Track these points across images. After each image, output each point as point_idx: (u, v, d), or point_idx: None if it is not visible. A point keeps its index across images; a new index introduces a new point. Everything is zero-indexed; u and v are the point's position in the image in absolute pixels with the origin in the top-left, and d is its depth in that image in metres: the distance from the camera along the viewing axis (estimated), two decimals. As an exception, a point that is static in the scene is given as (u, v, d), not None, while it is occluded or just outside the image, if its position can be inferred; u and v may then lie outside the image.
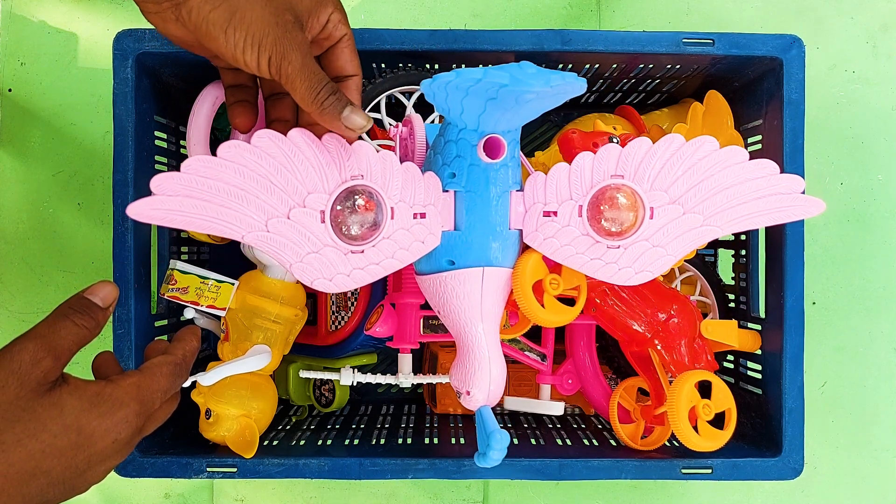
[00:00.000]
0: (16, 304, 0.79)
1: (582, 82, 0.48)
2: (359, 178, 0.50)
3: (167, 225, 0.47)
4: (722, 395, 0.59)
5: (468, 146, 0.51)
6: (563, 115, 0.78)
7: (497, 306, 0.53)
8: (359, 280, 0.50)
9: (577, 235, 0.53)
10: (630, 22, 0.80)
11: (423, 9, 0.80)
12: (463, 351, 0.53)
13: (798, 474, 0.59)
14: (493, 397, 0.52)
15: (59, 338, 0.37)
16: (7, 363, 0.33)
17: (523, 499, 0.79)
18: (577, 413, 0.75)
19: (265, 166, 0.48)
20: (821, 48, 0.80)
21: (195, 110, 0.63)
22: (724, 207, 0.53)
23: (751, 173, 0.53)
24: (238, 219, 0.47)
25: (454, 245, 0.52)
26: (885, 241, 0.80)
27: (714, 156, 0.53)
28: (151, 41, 0.57)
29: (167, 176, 0.46)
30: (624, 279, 0.53)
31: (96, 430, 0.35)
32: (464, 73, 0.47)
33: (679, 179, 0.53)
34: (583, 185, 0.53)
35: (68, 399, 0.35)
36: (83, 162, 0.79)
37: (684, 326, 0.62)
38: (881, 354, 0.80)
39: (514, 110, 0.48)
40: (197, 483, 0.79)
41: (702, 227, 0.53)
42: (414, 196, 0.51)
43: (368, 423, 0.71)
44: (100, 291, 0.42)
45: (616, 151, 0.53)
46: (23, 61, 0.79)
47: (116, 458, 0.37)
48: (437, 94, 0.49)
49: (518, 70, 0.46)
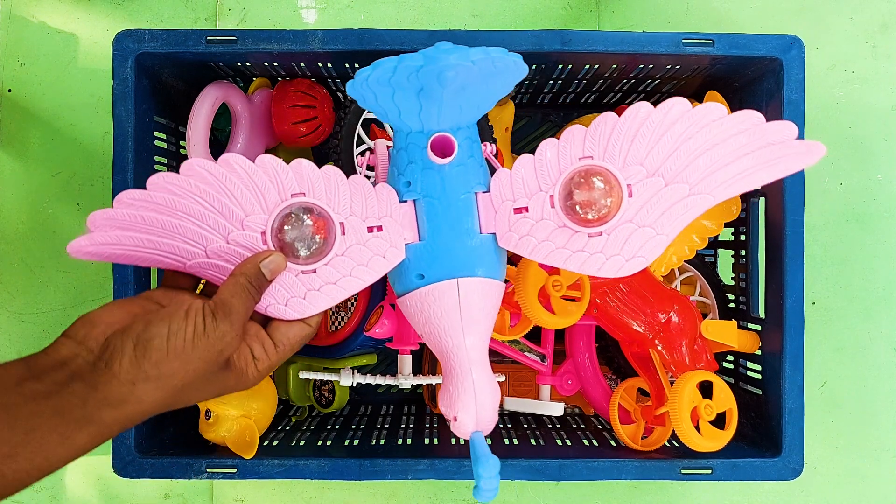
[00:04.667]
0: (16, 305, 0.79)
1: (516, 59, 0.46)
2: (300, 195, 0.48)
3: (108, 261, 0.47)
4: (723, 396, 0.59)
5: (418, 150, 0.48)
6: (562, 115, 0.78)
7: (481, 322, 0.48)
8: (316, 303, 0.48)
9: (552, 228, 0.49)
10: (630, 22, 0.80)
11: (423, 9, 0.80)
12: (447, 373, 0.49)
13: (798, 474, 0.59)
14: (485, 423, 0.47)
15: (245, 319, 0.44)
16: (215, 342, 0.42)
17: (523, 499, 0.79)
18: (576, 413, 0.75)
19: (198, 193, 0.47)
20: (820, 48, 0.80)
21: (195, 111, 0.63)
22: (711, 171, 0.48)
23: (733, 128, 0.48)
24: (177, 248, 0.47)
25: (420, 257, 0.49)
26: (885, 241, 0.80)
27: (687, 116, 0.48)
28: (151, 42, 0.57)
29: (101, 213, 0.46)
30: (614, 269, 0.48)
31: (233, 389, 0.45)
32: (380, 64, 0.45)
33: (654, 149, 0.48)
34: (550, 174, 0.49)
35: (228, 377, 0.44)
36: (83, 162, 0.79)
37: (685, 327, 0.62)
38: (881, 354, 0.80)
39: (450, 100, 0.45)
40: (197, 483, 0.79)
41: (690, 197, 0.48)
42: (366, 209, 0.49)
43: (368, 424, 0.71)
44: (271, 265, 0.46)
45: (580, 132, 0.49)
46: (22, 61, 0.79)
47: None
48: (364, 94, 0.47)
49: (433, 50, 0.45)
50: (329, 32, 0.57)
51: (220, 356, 0.43)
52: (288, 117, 0.67)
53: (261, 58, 0.61)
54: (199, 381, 0.42)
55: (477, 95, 0.47)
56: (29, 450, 0.37)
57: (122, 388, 0.40)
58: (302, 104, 0.67)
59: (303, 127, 0.67)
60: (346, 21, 0.80)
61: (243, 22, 0.80)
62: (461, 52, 0.44)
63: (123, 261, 0.47)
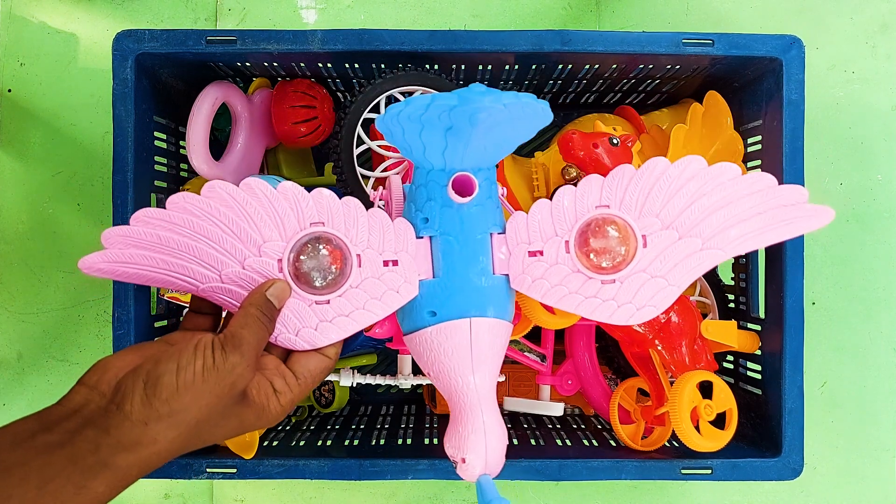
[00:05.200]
0: (16, 305, 0.79)
1: (544, 105, 0.46)
2: (319, 224, 0.48)
3: (120, 279, 0.46)
4: (723, 396, 0.59)
5: (438, 188, 0.48)
6: (562, 115, 0.78)
7: (490, 362, 0.48)
8: (328, 335, 0.47)
9: (566, 273, 0.49)
10: (629, 22, 0.80)
11: (423, 9, 0.80)
12: (455, 413, 0.48)
13: (798, 474, 0.59)
14: (493, 465, 0.47)
15: (258, 350, 0.44)
16: (225, 375, 0.41)
17: (523, 499, 0.79)
18: (576, 413, 0.75)
19: (217, 216, 0.47)
20: (820, 48, 0.80)
21: (195, 111, 0.63)
22: (723, 228, 0.50)
23: (747, 188, 0.50)
24: (192, 270, 0.47)
25: (434, 294, 0.48)
26: (885, 241, 0.80)
27: (703, 174, 0.50)
28: (151, 42, 0.57)
29: (117, 229, 0.46)
30: (625, 317, 0.49)
31: (253, 426, 0.45)
32: (413, 101, 0.46)
33: (669, 203, 0.50)
34: (566, 220, 0.50)
35: (247, 413, 0.44)
36: (83, 162, 0.79)
37: (685, 327, 0.62)
38: (881, 354, 0.80)
39: (477, 141, 0.46)
40: (197, 483, 0.79)
41: (702, 252, 0.49)
42: (383, 242, 0.48)
43: (368, 424, 0.71)
44: (275, 292, 0.46)
45: (598, 181, 0.50)
46: (22, 61, 0.79)
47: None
48: (393, 129, 0.48)
49: (467, 91, 0.45)
50: (329, 32, 0.57)
51: (233, 389, 0.42)
52: (288, 117, 0.67)
53: (261, 58, 0.61)
54: (215, 416, 0.42)
55: (502, 138, 0.47)
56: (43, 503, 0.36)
57: (135, 429, 0.39)
58: (302, 104, 0.67)
59: (303, 127, 0.67)
60: (346, 21, 0.80)
61: (243, 22, 0.80)
62: (494, 95, 0.45)
63: (136, 280, 0.47)
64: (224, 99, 0.65)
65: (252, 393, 0.44)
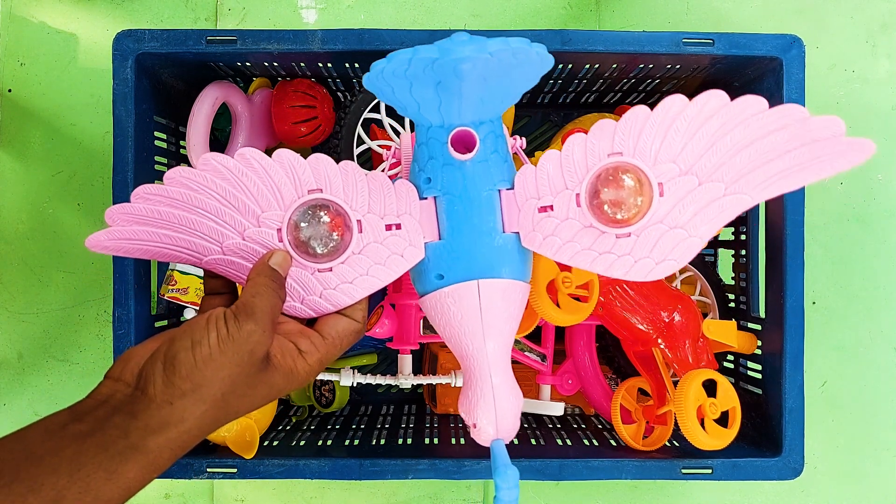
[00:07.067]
0: (16, 305, 0.79)
1: (539, 49, 0.44)
2: (317, 192, 0.47)
3: (125, 255, 0.46)
4: (727, 394, 0.59)
5: (439, 145, 0.46)
6: (563, 115, 0.78)
7: (503, 325, 0.46)
8: (334, 301, 0.47)
9: (579, 229, 0.46)
10: (630, 22, 0.80)
11: (423, 9, 0.80)
12: (467, 377, 0.47)
13: (798, 474, 0.59)
14: (506, 430, 0.46)
15: (272, 316, 0.43)
16: (242, 344, 0.41)
17: (523, 499, 0.79)
18: (577, 413, 0.75)
19: (214, 188, 0.46)
20: (821, 48, 0.80)
21: (195, 111, 0.63)
22: (749, 169, 0.44)
23: (774, 123, 0.44)
24: (193, 244, 0.46)
25: (440, 257, 0.47)
26: (885, 241, 0.80)
27: (725, 111, 0.45)
28: (151, 42, 0.57)
29: (119, 207, 0.46)
30: (643, 273, 0.45)
31: (284, 389, 0.45)
32: (394, 56, 0.44)
33: (688, 146, 0.45)
34: (577, 171, 0.46)
35: (275, 377, 0.43)
36: (83, 162, 0.79)
37: (688, 326, 0.62)
38: (881, 354, 0.80)
39: (470, 94, 0.44)
40: (197, 483, 0.79)
41: (725, 197, 0.45)
42: (384, 206, 0.47)
43: (368, 424, 0.71)
44: (277, 260, 0.46)
45: (610, 126, 0.46)
46: (22, 61, 0.79)
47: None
48: (381, 88, 0.46)
49: (448, 41, 0.43)
50: (329, 32, 0.57)
51: (253, 356, 0.42)
52: (288, 117, 0.67)
53: (261, 58, 0.61)
54: (240, 386, 0.41)
55: (500, 88, 0.45)
56: (75, 491, 0.37)
57: (161, 410, 0.39)
58: (302, 104, 0.67)
59: (303, 127, 0.67)
60: (346, 21, 0.80)
61: (243, 22, 0.80)
62: (478, 44, 0.42)
63: (140, 255, 0.47)
64: (224, 99, 0.65)
65: (276, 357, 0.43)
